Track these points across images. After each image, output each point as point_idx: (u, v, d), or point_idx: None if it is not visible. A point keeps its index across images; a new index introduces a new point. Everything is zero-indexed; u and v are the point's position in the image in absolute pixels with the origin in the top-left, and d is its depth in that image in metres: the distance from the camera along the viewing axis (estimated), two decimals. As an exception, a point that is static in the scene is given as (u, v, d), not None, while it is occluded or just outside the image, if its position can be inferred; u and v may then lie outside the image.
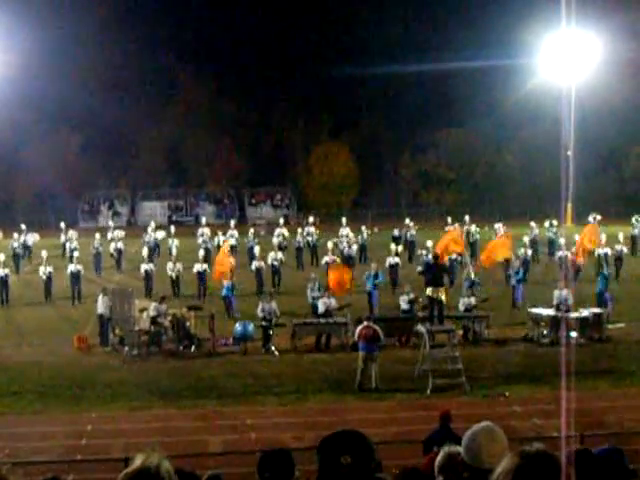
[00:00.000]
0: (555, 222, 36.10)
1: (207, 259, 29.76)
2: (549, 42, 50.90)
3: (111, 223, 38.16)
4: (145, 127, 64.58)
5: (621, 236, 32.20)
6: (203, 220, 38.76)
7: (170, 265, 28.84)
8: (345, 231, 35.86)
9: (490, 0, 58.80)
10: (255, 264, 29.47)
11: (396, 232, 36.52)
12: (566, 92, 48.95)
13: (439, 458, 4.34)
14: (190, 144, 68.27)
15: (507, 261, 28.16)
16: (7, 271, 28.27)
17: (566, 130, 47.48)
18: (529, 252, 30.63)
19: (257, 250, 30.77)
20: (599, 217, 36.14)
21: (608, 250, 30.16)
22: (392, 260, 29.74)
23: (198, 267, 28.54)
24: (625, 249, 31.55)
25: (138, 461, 2.98)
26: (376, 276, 24.79)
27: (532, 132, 63.29)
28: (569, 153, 48.35)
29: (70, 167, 61.50)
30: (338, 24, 65.95)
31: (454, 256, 29.16)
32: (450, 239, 23.77)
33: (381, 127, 68.78)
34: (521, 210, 56.76)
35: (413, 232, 35.91)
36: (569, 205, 48.16)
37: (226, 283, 24.50)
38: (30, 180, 59.43)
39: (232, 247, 34.06)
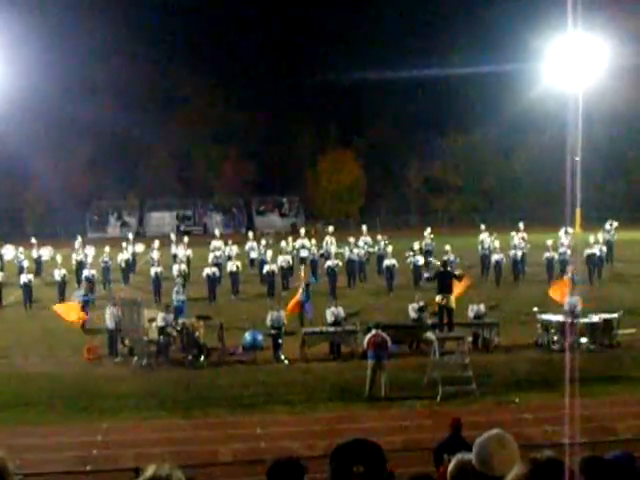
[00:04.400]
0: (570, 230, 35.60)
1: (217, 263, 30.24)
2: (556, 47, 50.82)
3: (130, 235, 37.48)
4: (153, 137, 64.80)
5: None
6: (217, 232, 36.06)
7: (176, 267, 29.08)
8: (365, 239, 34.23)
9: (497, 6, 58.92)
10: (266, 268, 29.60)
11: (415, 245, 32.66)
12: (573, 97, 48.87)
13: (451, 466, 4.31)
14: (198, 154, 68.50)
15: None
16: (31, 276, 29.09)
17: (573, 136, 47.39)
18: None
19: (269, 255, 30.82)
20: (616, 224, 35.95)
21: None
22: (388, 262, 29.58)
23: (207, 271, 28.60)
24: (604, 250, 32.64)
25: (149, 471, 2.99)
26: (307, 286, 24.30)
27: (539, 138, 63.22)
28: (577, 159, 48.21)
29: (78, 178, 61.76)
30: (345, 32, 66.13)
31: (452, 257, 28.87)
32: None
33: (388, 134, 68.77)
34: (529, 216, 56.66)
35: (428, 241, 34.35)
36: (577, 211, 47.98)
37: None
38: (39, 192, 59.66)
39: (251, 260, 33.88)
